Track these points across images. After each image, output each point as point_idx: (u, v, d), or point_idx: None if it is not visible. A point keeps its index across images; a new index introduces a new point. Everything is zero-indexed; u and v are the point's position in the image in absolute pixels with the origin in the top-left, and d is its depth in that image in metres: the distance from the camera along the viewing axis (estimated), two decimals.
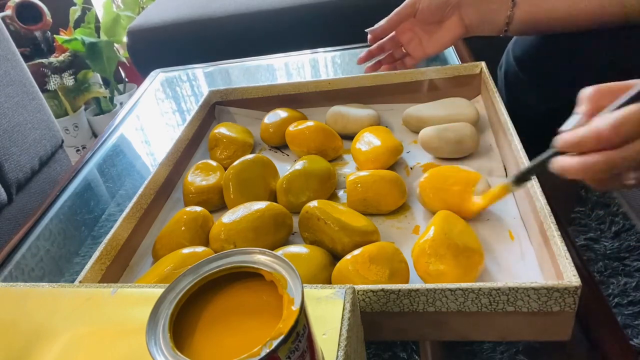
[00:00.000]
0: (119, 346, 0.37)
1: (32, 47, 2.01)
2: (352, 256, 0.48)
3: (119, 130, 0.95)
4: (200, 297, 0.31)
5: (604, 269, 1.08)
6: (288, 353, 0.27)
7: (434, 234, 0.48)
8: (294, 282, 0.29)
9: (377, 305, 0.42)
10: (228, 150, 0.72)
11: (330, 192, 0.63)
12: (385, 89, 0.78)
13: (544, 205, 0.47)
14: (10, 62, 1.27)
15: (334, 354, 0.33)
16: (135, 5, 2.10)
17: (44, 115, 1.35)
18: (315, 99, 0.80)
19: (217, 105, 0.84)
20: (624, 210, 1.20)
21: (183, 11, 1.45)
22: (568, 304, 0.39)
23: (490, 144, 0.67)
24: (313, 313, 0.31)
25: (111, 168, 0.84)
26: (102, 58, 1.98)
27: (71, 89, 1.98)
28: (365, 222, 0.54)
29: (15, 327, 0.40)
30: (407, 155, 0.68)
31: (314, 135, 0.69)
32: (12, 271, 0.64)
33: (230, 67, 1.12)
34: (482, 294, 0.40)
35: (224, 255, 0.32)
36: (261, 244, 0.53)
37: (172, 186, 0.69)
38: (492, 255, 0.51)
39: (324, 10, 1.35)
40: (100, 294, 0.42)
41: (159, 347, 0.27)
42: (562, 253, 0.42)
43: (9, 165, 1.18)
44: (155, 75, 1.14)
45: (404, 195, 0.59)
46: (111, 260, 0.54)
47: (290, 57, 1.11)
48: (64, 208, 0.75)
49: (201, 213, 0.59)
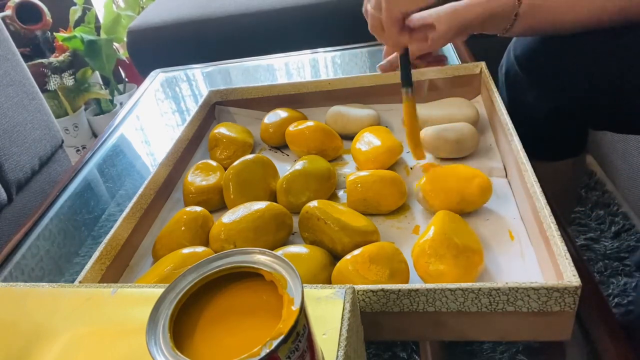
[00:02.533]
0: (119, 346, 0.37)
1: (32, 47, 2.01)
2: (352, 256, 0.48)
3: (119, 130, 0.95)
4: (200, 297, 0.31)
5: (604, 269, 1.08)
6: (288, 353, 0.27)
7: (434, 234, 0.48)
8: (294, 282, 0.29)
9: (377, 305, 0.42)
10: (228, 150, 0.72)
11: (330, 192, 0.63)
12: (385, 89, 0.78)
13: (544, 205, 0.47)
14: (10, 62, 1.27)
15: (334, 354, 0.33)
16: (136, 5, 2.10)
17: (44, 115, 1.35)
18: (315, 99, 0.80)
19: (217, 105, 0.84)
20: (624, 210, 1.20)
21: (183, 11, 1.45)
22: (568, 304, 0.39)
23: (490, 144, 0.67)
24: (313, 313, 0.31)
25: (111, 168, 0.84)
26: (101, 56, 1.98)
27: (71, 89, 1.98)
28: (365, 222, 0.54)
29: (15, 327, 0.40)
30: (407, 155, 0.68)
31: (314, 135, 0.69)
32: (12, 271, 0.64)
33: (230, 67, 1.12)
34: (482, 294, 0.40)
35: (224, 255, 0.32)
36: (261, 244, 0.53)
37: (172, 186, 0.69)
38: (492, 255, 0.51)
39: (324, 11, 1.35)
40: (100, 294, 0.42)
41: (159, 347, 0.27)
42: (562, 253, 0.42)
43: (9, 165, 1.18)
44: (155, 75, 1.14)
45: (404, 195, 0.59)
46: (111, 260, 0.54)
47: (290, 57, 1.11)
48: (64, 208, 0.75)
49: (201, 213, 0.59)
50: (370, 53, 1.05)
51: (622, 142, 1.04)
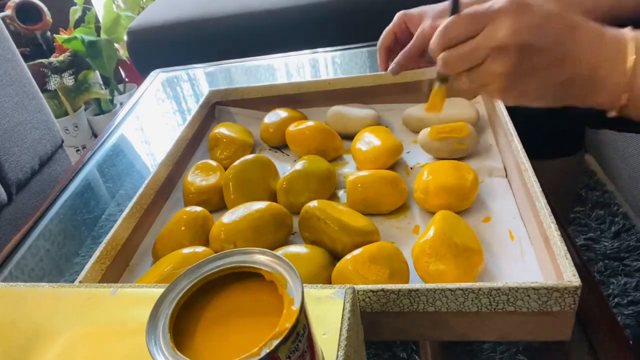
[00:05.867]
0: (119, 346, 0.37)
1: (32, 47, 2.01)
2: (352, 256, 0.48)
3: (119, 130, 0.95)
4: (200, 297, 0.31)
5: (604, 269, 1.08)
6: (288, 353, 0.27)
7: (434, 234, 0.48)
8: (294, 282, 0.29)
9: (377, 305, 0.42)
10: (228, 150, 0.72)
11: (330, 192, 0.63)
12: (385, 89, 0.78)
13: (544, 205, 0.47)
14: (10, 62, 1.27)
15: (334, 354, 0.33)
16: (136, 5, 2.10)
17: (44, 115, 1.35)
18: (315, 99, 0.80)
19: (217, 105, 0.84)
20: (624, 210, 1.20)
21: (183, 11, 1.45)
22: (568, 304, 0.39)
23: (490, 144, 0.67)
24: (313, 313, 0.31)
25: (111, 168, 0.84)
26: (102, 56, 1.98)
27: (71, 89, 1.98)
28: (365, 222, 0.54)
29: (15, 327, 0.40)
30: (407, 155, 0.68)
31: (314, 135, 0.69)
32: (12, 271, 0.64)
33: (230, 67, 1.12)
34: (482, 294, 0.40)
35: (224, 255, 0.32)
36: (261, 244, 0.53)
37: (172, 186, 0.69)
38: (492, 255, 0.51)
39: (324, 11, 1.35)
40: (100, 294, 0.42)
41: (159, 347, 0.27)
42: (562, 253, 0.42)
43: (9, 165, 1.18)
44: (155, 75, 1.14)
45: (404, 195, 0.59)
46: (111, 260, 0.54)
47: (290, 57, 1.11)
48: (64, 208, 0.75)
49: (201, 213, 0.59)
50: (370, 53, 1.05)
51: (622, 142, 1.04)
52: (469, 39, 0.45)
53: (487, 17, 0.44)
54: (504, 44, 0.43)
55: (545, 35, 0.43)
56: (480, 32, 0.44)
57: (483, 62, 0.45)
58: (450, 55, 0.46)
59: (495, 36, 0.43)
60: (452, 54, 0.46)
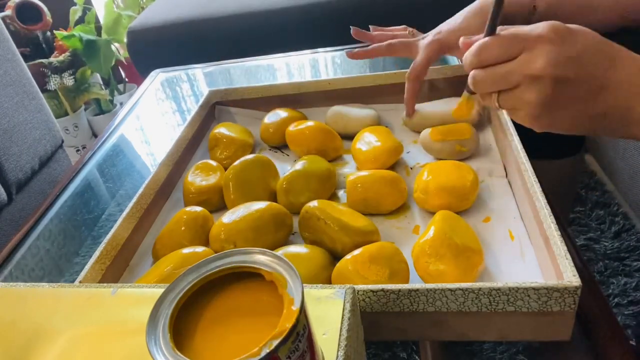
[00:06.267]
0: (119, 346, 0.37)
1: (32, 47, 2.01)
2: (352, 256, 0.48)
3: (119, 130, 0.95)
4: (200, 297, 0.31)
5: (604, 269, 1.08)
6: (288, 353, 0.27)
7: (434, 234, 0.48)
8: (294, 282, 0.29)
9: (377, 305, 0.42)
10: (228, 150, 0.72)
11: (330, 192, 0.63)
12: (385, 89, 0.78)
13: (544, 205, 0.47)
14: (10, 62, 1.27)
15: (334, 354, 0.33)
16: (136, 5, 2.10)
17: (44, 115, 1.35)
18: (315, 99, 0.80)
19: (217, 105, 0.84)
20: (624, 210, 1.20)
21: (183, 11, 1.45)
22: (568, 304, 0.39)
23: (490, 144, 0.67)
24: (313, 313, 0.31)
25: (111, 168, 0.84)
26: (99, 56, 1.98)
27: (71, 89, 1.98)
28: (365, 222, 0.54)
29: (15, 327, 0.40)
30: (407, 155, 0.68)
31: (314, 135, 0.69)
32: (12, 271, 0.64)
33: (230, 67, 1.12)
34: (482, 294, 0.40)
35: (224, 255, 0.32)
36: (261, 244, 0.53)
37: (172, 186, 0.69)
38: (492, 255, 0.51)
39: (324, 11, 1.35)
40: (100, 294, 0.42)
41: (159, 347, 0.27)
42: (562, 253, 0.42)
43: (9, 165, 1.18)
44: (155, 75, 1.14)
45: (404, 195, 0.59)
46: (111, 260, 0.54)
47: (290, 57, 1.11)
48: (64, 208, 0.75)
49: (201, 213, 0.59)
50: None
51: (622, 142, 1.04)
52: (504, 62, 0.43)
53: (526, 43, 0.42)
54: (539, 75, 0.41)
55: (583, 68, 0.41)
56: (516, 57, 0.42)
57: (515, 87, 0.43)
58: (482, 76, 0.45)
59: (532, 65, 0.41)
60: (483, 75, 0.45)
